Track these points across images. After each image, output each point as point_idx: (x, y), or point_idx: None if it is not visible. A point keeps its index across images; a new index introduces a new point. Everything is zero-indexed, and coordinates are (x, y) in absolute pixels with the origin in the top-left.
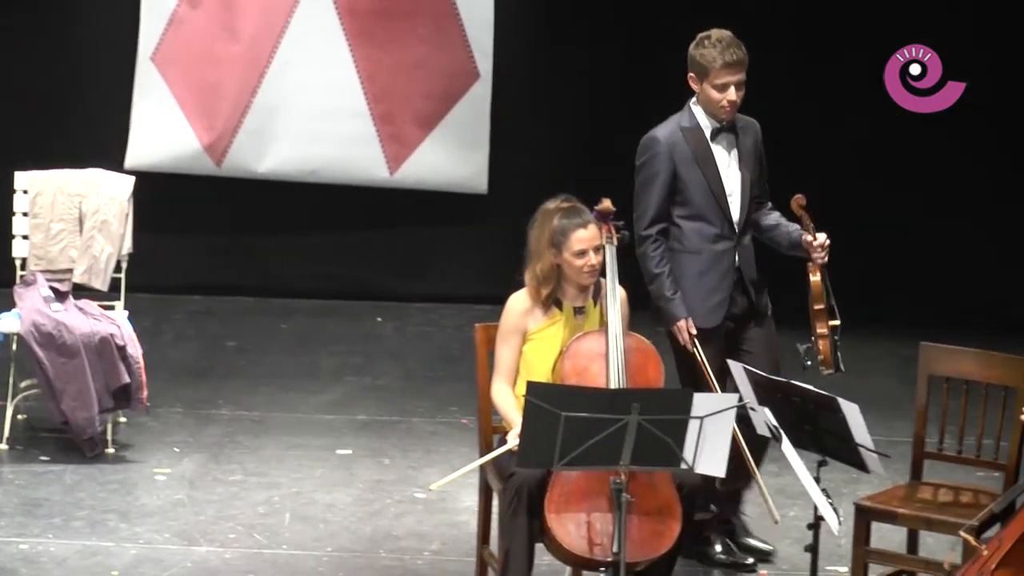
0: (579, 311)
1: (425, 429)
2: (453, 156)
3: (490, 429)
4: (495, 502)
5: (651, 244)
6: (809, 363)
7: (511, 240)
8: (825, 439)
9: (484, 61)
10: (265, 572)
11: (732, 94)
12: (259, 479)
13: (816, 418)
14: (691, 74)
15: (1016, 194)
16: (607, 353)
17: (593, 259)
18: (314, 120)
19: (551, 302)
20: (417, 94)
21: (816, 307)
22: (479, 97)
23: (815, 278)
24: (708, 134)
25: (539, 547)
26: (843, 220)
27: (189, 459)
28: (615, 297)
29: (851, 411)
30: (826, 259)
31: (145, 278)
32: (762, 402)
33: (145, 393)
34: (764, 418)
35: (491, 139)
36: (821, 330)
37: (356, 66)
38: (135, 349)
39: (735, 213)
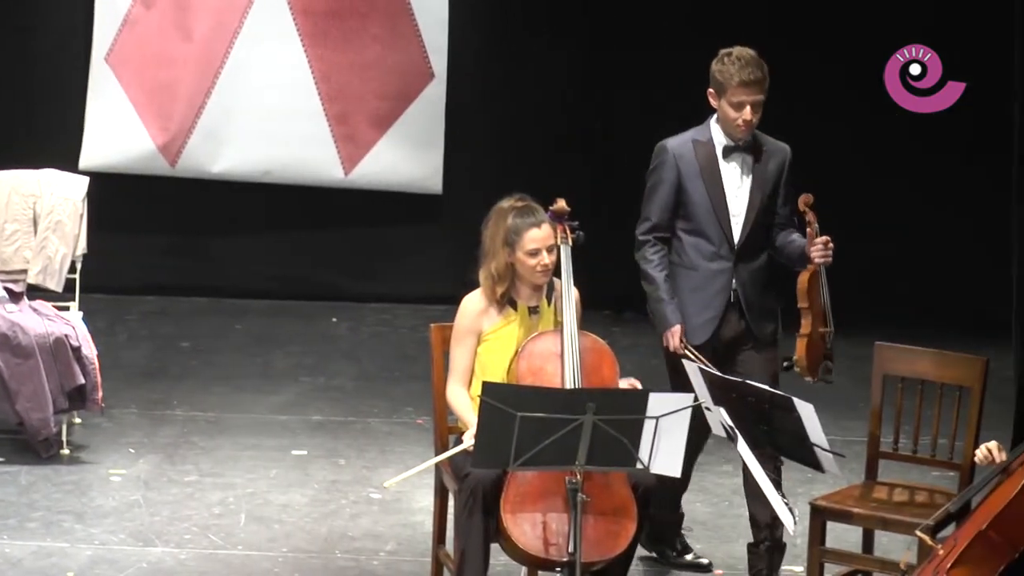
0: (533, 311)
1: (380, 429)
2: (408, 156)
3: (446, 429)
4: (451, 502)
5: (649, 248)
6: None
7: (466, 240)
8: (780, 439)
9: (439, 61)
10: (220, 573)
11: (747, 113)
12: (214, 480)
13: (771, 418)
14: (710, 89)
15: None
16: (563, 353)
17: (546, 258)
18: (268, 120)
19: (505, 301)
20: (372, 94)
21: (799, 305)
22: (434, 97)
23: (803, 275)
24: (720, 151)
25: (495, 547)
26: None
27: (144, 460)
28: (570, 297)
29: (806, 411)
30: (828, 259)
31: (99, 279)
32: (718, 402)
33: (100, 394)
34: (720, 418)
35: (446, 139)
36: (802, 331)
37: (310, 66)
38: (90, 350)
39: (736, 234)
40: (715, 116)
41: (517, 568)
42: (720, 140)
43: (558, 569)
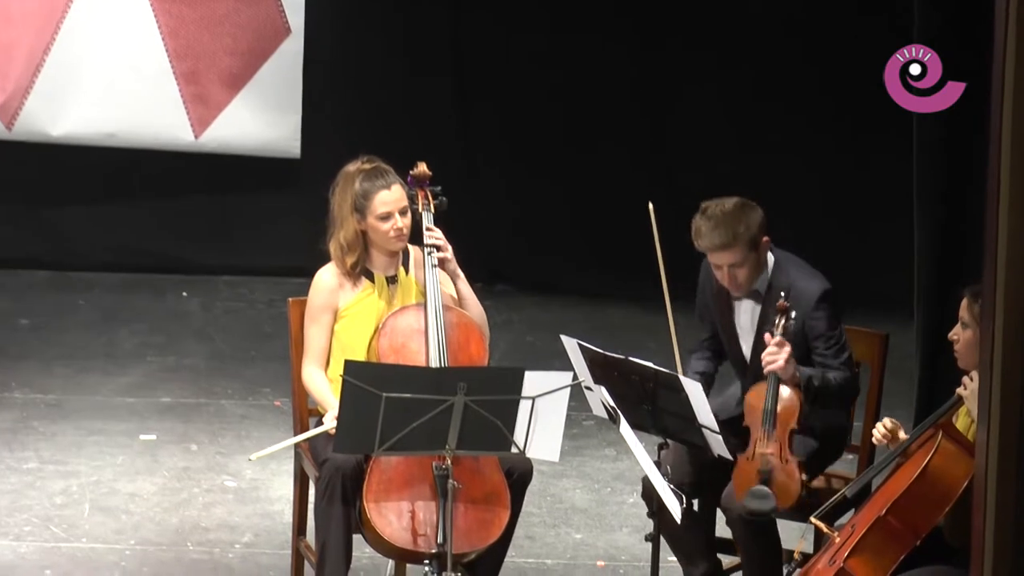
0: (391, 280)
1: (235, 412)
2: (263, 118)
3: (306, 411)
4: (312, 490)
5: (695, 354)
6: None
7: (326, 208)
8: (666, 420)
9: (295, 15)
10: (63, 567)
11: (724, 276)
12: (56, 467)
13: (656, 397)
14: None
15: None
16: (426, 329)
17: (400, 222)
18: (112, 80)
19: (359, 273)
20: (223, 51)
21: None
22: (290, 54)
23: (747, 394)
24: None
25: (359, 539)
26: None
27: None
28: (433, 269)
29: (694, 390)
30: (775, 365)
31: None
32: (598, 381)
33: None
34: (601, 397)
35: (304, 99)
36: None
37: (157, 21)
38: None
39: (748, 375)
40: None
41: (383, 561)
42: None
43: (427, 561)
